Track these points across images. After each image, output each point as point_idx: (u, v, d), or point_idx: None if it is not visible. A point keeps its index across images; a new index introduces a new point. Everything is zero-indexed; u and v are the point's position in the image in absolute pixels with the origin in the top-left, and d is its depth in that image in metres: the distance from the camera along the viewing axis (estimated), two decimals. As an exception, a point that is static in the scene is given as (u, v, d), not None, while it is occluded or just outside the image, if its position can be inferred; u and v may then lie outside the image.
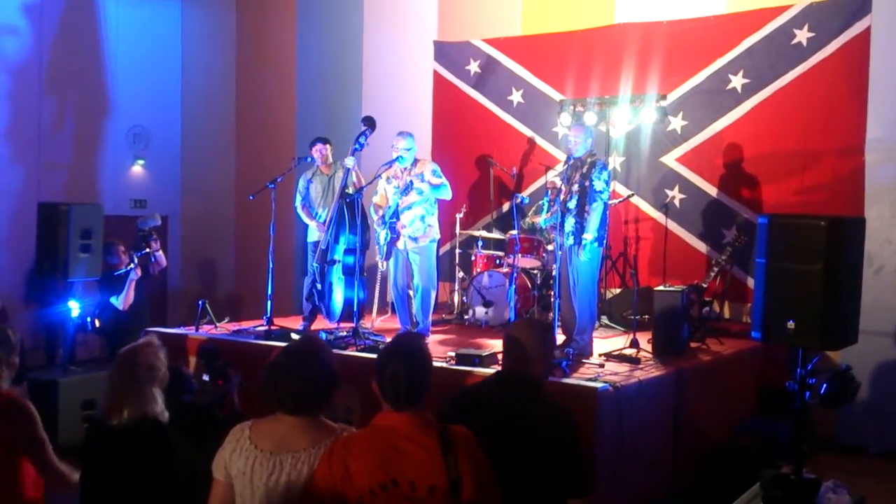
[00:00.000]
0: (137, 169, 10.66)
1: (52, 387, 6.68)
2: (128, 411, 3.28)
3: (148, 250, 7.52)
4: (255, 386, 4.40)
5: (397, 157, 6.77)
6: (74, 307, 7.12)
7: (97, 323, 7.38)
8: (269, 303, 7.13)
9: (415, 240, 6.80)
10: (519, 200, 7.80)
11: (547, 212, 7.70)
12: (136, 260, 7.35)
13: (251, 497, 2.76)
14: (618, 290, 8.31)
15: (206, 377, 4.49)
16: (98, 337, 8.34)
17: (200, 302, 7.21)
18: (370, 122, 6.94)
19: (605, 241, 6.46)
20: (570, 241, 6.26)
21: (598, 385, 5.15)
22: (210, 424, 3.90)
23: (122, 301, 7.37)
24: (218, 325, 7.26)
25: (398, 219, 6.75)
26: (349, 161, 6.91)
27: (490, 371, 5.55)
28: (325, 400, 2.88)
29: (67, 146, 9.97)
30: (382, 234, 6.82)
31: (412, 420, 2.67)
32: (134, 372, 3.34)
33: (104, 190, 10.15)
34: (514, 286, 6.53)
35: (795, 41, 7.72)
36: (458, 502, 2.54)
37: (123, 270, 7.36)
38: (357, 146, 6.91)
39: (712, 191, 8.21)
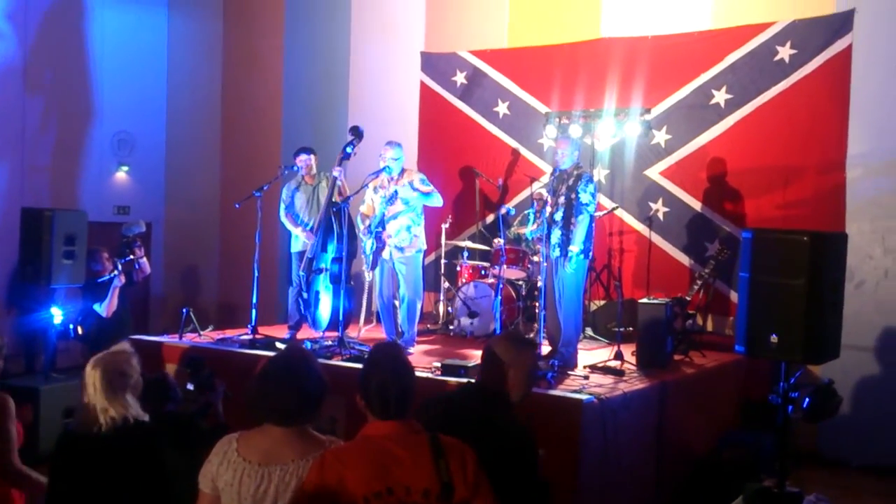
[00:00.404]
0: (121, 175, 10.61)
1: (34, 394, 6.62)
2: (104, 418, 3.27)
3: (132, 257, 7.48)
4: (240, 396, 4.41)
5: (384, 167, 6.79)
6: (57, 314, 7.07)
7: (80, 330, 7.31)
8: (253, 311, 7.11)
9: (401, 250, 6.82)
10: (505, 212, 7.83)
11: (533, 223, 7.74)
12: (119, 267, 7.30)
13: None
14: (602, 302, 8.36)
15: (190, 386, 4.46)
16: (80, 344, 8.26)
17: (184, 310, 7.18)
18: (357, 132, 6.96)
19: (590, 254, 6.50)
20: (557, 252, 6.29)
21: (584, 397, 5.17)
22: (194, 434, 3.90)
23: (105, 308, 7.31)
24: (202, 333, 7.23)
25: (384, 228, 6.77)
26: (336, 170, 6.92)
27: (474, 381, 5.57)
28: (313, 411, 2.87)
29: (51, 151, 9.90)
30: (368, 244, 6.83)
31: (402, 428, 2.69)
32: (106, 379, 3.32)
33: (87, 195, 10.08)
34: (500, 297, 6.55)
35: (778, 57, 7.82)
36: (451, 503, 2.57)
37: (107, 277, 7.31)
38: (344, 155, 6.92)
39: (696, 204, 8.28)
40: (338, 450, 2.73)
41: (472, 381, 3.47)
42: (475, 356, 6.46)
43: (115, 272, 7.27)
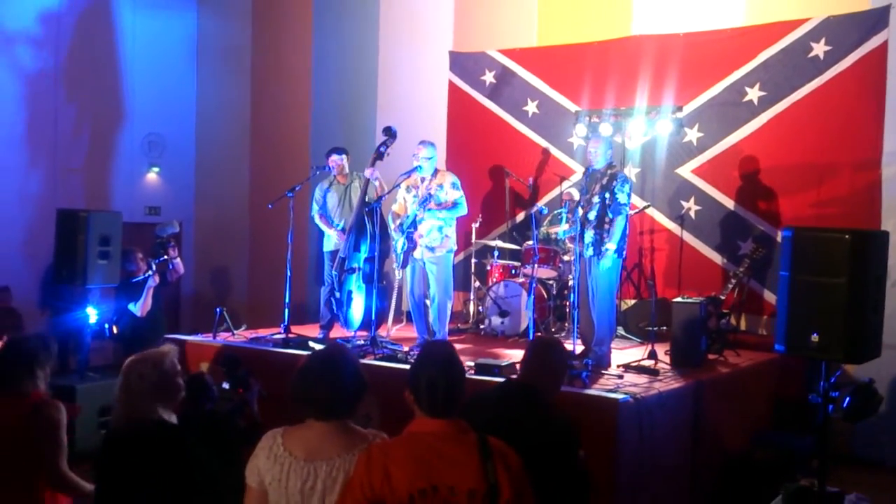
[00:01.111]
0: (152, 176, 10.73)
1: (70, 393, 6.69)
2: (130, 418, 3.30)
3: (166, 257, 7.56)
4: (275, 394, 4.43)
5: (417, 167, 6.80)
6: (92, 314, 7.15)
7: (115, 329, 7.40)
8: (286, 311, 7.15)
9: (432, 250, 6.83)
10: (537, 211, 7.82)
11: (565, 223, 7.71)
12: (153, 267, 7.38)
13: (286, 503, 2.77)
14: (633, 302, 8.31)
15: (226, 385, 4.49)
16: (113, 343, 8.36)
17: (218, 309, 7.23)
18: (391, 133, 6.99)
19: (624, 253, 6.47)
20: (590, 252, 6.27)
21: (619, 396, 5.15)
22: (230, 433, 3.92)
23: (139, 308, 7.39)
24: (235, 332, 7.28)
25: (416, 229, 6.78)
26: (369, 171, 6.95)
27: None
28: (354, 405, 2.91)
29: (83, 153, 10.04)
30: (400, 243, 6.85)
31: (450, 427, 2.70)
32: (126, 380, 3.34)
33: (119, 197, 10.21)
34: (532, 296, 6.54)
35: (812, 54, 7.73)
36: None
37: (141, 277, 7.40)
38: (378, 156, 6.95)
39: (728, 203, 8.21)
40: (384, 445, 2.75)
41: (508, 379, 3.52)
42: (507, 355, 6.48)
43: (150, 272, 7.35)
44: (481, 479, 2.58)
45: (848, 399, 4.42)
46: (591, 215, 6.28)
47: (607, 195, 6.18)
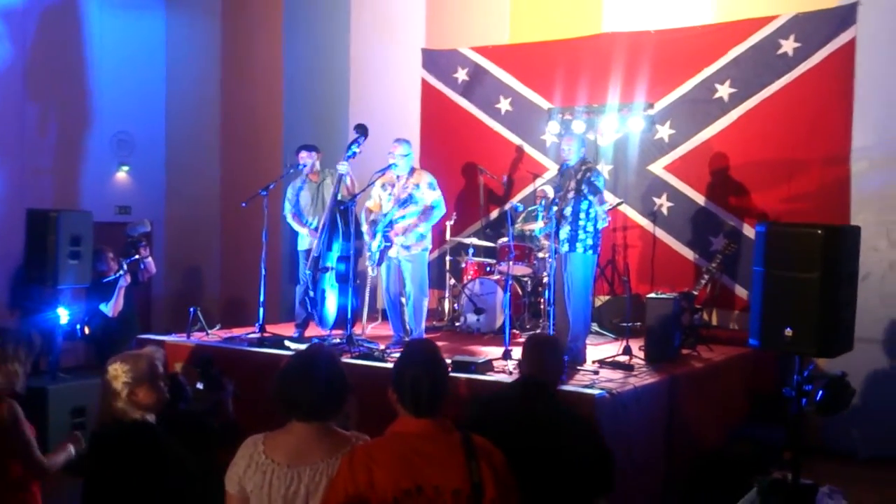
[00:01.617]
0: (122, 175, 10.59)
1: (42, 394, 6.58)
2: (109, 416, 3.27)
3: (137, 257, 7.48)
4: (251, 394, 4.40)
5: (391, 164, 6.78)
6: (63, 314, 7.04)
7: (86, 330, 7.30)
8: (261, 310, 7.10)
9: (407, 248, 6.82)
10: (512, 208, 7.84)
11: (541, 220, 7.74)
12: (125, 267, 7.30)
13: None
14: (606, 298, 8.36)
15: (199, 385, 4.45)
16: (85, 344, 8.25)
17: (192, 309, 7.16)
18: (363, 130, 6.97)
19: (598, 249, 6.50)
20: (566, 248, 6.30)
21: (596, 392, 5.18)
22: (205, 433, 3.89)
23: (111, 308, 7.31)
24: (209, 332, 7.22)
25: (392, 227, 6.77)
26: (343, 167, 6.90)
27: (486, 378, 5.59)
28: (338, 406, 2.88)
29: (51, 152, 9.89)
30: (375, 242, 6.82)
31: (434, 426, 2.69)
32: (112, 380, 3.31)
33: (89, 196, 10.06)
34: (508, 293, 6.55)
35: (781, 51, 7.82)
36: None
37: (113, 277, 7.31)
38: (350, 153, 6.91)
39: (700, 199, 8.29)
40: (367, 446, 2.73)
41: (515, 379, 3.57)
42: (484, 352, 6.49)
43: (121, 272, 7.27)
44: (466, 479, 2.58)
45: (821, 392, 4.44)
46: (567, 211, 6.31)
47: (583, 188, 6.21)
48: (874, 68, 7.39)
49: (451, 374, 5.43)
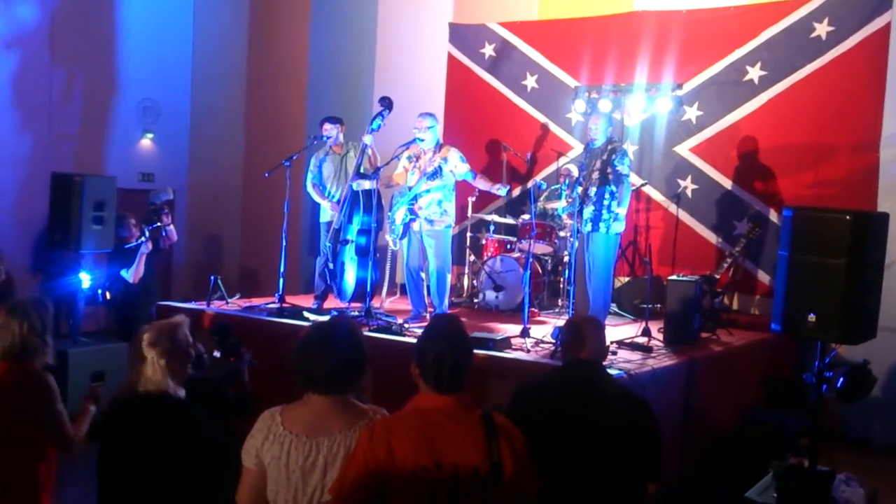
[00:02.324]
0: (146, 142, 10.61)
1: (62, 357, 6.66)
2: (144, 387, 3.28)
3: (159, 224, 7.52)
4: (269, 364, 4.41)
5: (416, 139, 6.75)
6: (85, 279, 7.11)
7: (107, 295, 7.37)
8: (281, 280, 7.12)
9: (430, 223, 6.79)
10: (535, 186, 7.80)
11: (564, 199, 7.71)
12: (147, 233, 7.34)
13: (286, 482, 2.74)
14: (626, 279, 8.32)
15: (217, 354, 4.47)
16: (105, 309, 8.33)
17: (213, 277, 7.19)
18: (388, 103, 6.92)
19: (622, 229, 6.46)
20: (588, 227, 6.27)
21: (614, 372, 5.15)
22: (220, 402, 3.91)
23: (132, 274, 7.37)
24: (229, 301, 7.25)
25: (417, 201, 6.75)
26: (367, 139, 6.88)
27: (504, 355, 5.58)
28: (356, 379, 2.87)
29: (77, 118, 9.91)
30: (399, 214, 6.80)
31: (455, 403, 2.68)
32: (152, 349, 3.31)
33: (113, 162, 10.10)
34: (529, 271, 6.53)
35: (815, 34, 7.69)
36: (499, 484, 2.55)
37: (134, 244, 7.36)
38: (374, 126, 6.89)
39: (725, 182, 8.20)
40: (388, 420, 2.72)
41: (573, 358, 3.49)
42: (502, 329, 6.48)
43: (143, 239, 7.31)
44: (485, 458, 2.57)
45: (842, 379, 4.43)
46: (592, 191, 6.28)
47: (608, 170, 6.18)
48: (908, 55, 7.25)
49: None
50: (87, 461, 3.51)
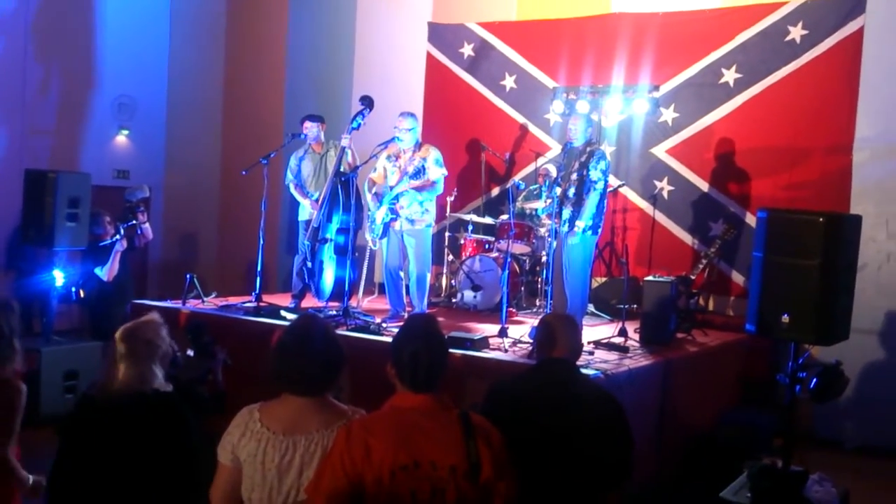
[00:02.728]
0: (121, 139, 10.51)
1: (36, 355, 6.60)
2: (128, 386, 3.24)
3: (134, 222, 7.45)
4: (245, 362, 4.38)
5: (395, 137, 6.75)
6: (59, 276, 7.03)
7: (81, 293, 7.29)
8: (258, 279, 7.09)
9: (411, 222, 6.80)
10: (514, 185, 7.82)
11: (543, 200, 7.74)
12: (122, 231, 7.27)
13: (262, 480, 2.72)
14: (603, 279, 8.36)
15: (190, 353, 4.44)
16: (79, 307, 8.24)
17: (188, 275, 7.14)
18: (368, 102, 6.91)
19: (599, 230, 6.49)
20: (566, 228, 6.30)
21: (591, 372, 5.19)
22: (194, 401, 3.88)
23: (106, 272, 7.29)
24: (205, 299, 7.20)
25: (398, 200, 6.75)
26: (345, 139, 6.87)
27: (482, 354, 5.59)
28: (334, 379, 2.86)
29: (52, 114, 9.81)
30: (380, 214, 6.80)
31: (433, 402, 2.68)
32: (133, 347, 3.29)
33: (87, 159, 9.99)
34: (507, 271, 6.55)
35: (789, 38, 7.77)
36: (477, 483, 2.56)
37: (109, 241, 7.29)
38: (354, 125, 6.88)
39: (700, 184, 8.27)
40: (365, 419, 2.72)
41: (546, 357, 3.48)
42: (480, 329, 6.49)
43: (118, 236, 7.24)
44: (463, 456, 2.57)
45: (815, 380, 4.46)
46: (570, 192, 6.31)
47: (584, 172, 6.21)
48: (881, 59, 7.35)
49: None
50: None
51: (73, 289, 7.23)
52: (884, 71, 7.36)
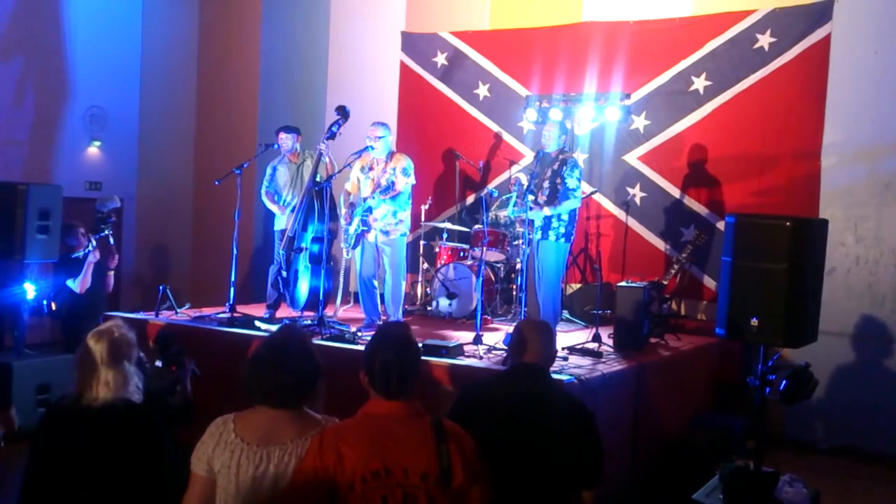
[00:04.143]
0: (93, 150, 10.44)
1: (7, 370, 6.53)
2: (95, 393, 3.23)
3: (107, 233, 7.39)
4: (220, 373, 4.37)
5: (368, 147, 6.77)
6: (30, 289, 6.96)
7: (53, 306, 7.22)
8: (232, 289, 7.07)
9: (385, 233, 6.83)
10: (487, 193, 7.86)
11: (514, 205, 7.79)
12: (94, 242, 7.22)
13: (235, 490, 2.70)
14: (578, 286, 8.41)
15: (158, 363, 4.43)
16: (51, 320, 8.15)
17: (161, 287, 7.11)
18: (344, 112, 6.93)
19: (571, 238, 6.54)
20: (538, 235, 6.34)
21: (565, 377, 5.23)
22: (162, 411, 3.87)
23: (78, 284, 7.22)
24: (179, 311, 7.17)
25: (371, 212, 6.77)
26: (322, 146, 6.89)
27: (457, 362, 5.61)
28: (308, 393, 2.84)
29: (23, 125, 9.71)
30: (353, 226, 6.82)
31: (405, 409, 2.69)
32: (112, 350, 3.28)
33: (59, 171, 9.92)
34: (481, 279, 6.58)
35: (758, 45, 7.88)
36: (449, 490, 2.57)
37: (81, 253, 7.23)
38: (329, 134, 6.90)
39: (672, 190, 8.35)
40: (337, 427, 2.72)
41: (518, 362, 3.50)
42: (455, 336, 6.51)
43: (90, 248, 7.18)
44: (434, 462, 2.58)
45: (784, 382, 4.52)
46: (542, 199, 6.35)
47: (558, 180, 6.26)
48: (847, 65, 7.47)
49: (423, 358, 5.50)
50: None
51: (45, 301, 7.16)
52: (850, 77, 7.48)
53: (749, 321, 4.20)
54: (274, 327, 5.94)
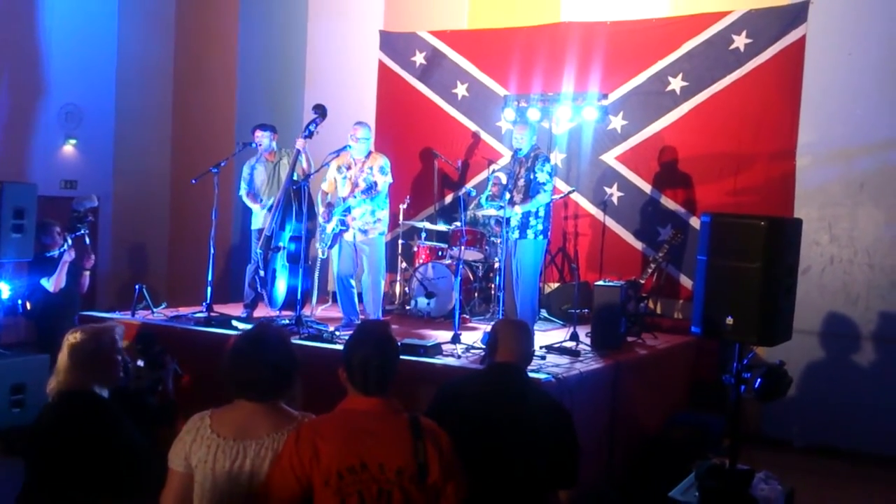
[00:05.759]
0: (69, 148, 10.35)
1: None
2: (60, 389, 3.24)
3: (83, 231, 7.32)
4: (197, 373, 4.37)
5: (346, 146, 6.76)
6: (4, 289, 6.89)
7: (27, 305, 7.14)
8: (209, 289, 7.03)
9: (364, 232, 6.83)
10: (465, 193, 7.87)
11: (487, 197, 7.85)
12: (69, 241, 7.15)
13: (212, 485, 2.72)
14: (556, 285, 8.45)
15: (140, 363, 4.43)
16: (25, 320, 8.07)
17: (138, 286, 7.06)
18: (321, 110, 6.91)
19: (548, 235, 6.57)
20: (515, 234, 6.36)
21: (542, 376, 5.24)
22: (144, 411, 3.87)
23: (52, 283, 7.15)
24: (155, 310, 7.12)
25: (349, 212, 6.76)
26: (300, 143, 6.86)
27: (434, 361, 5.62)
28: (286, 386, 2.87)
29: (-3, 122, 9.63)
30: (330, 225, 6.80)
31: (382, 405, 2.71)
32: (72, 352, 3.28)
33: (34, 169, 9.82)
34: (459, 278, 6.59)
35: (733, 46, 7.94)
36: (424, 486, 2.59)
37: (56, 252, 7.16)
38: (306, 133, 6.87)
39: (649, 189, 8.40)
40: (314, 422, 2.74)
41: (494, 362, 3.51)
42: (433, 335, 6.52)
43: (65, 246, 7.12)
44: (410, 459, 2.60)
45: (759, 380, 4.57)
46: (518, 198, 6.38)
47: (532, 177, 6.30)
48: (822, 66, 7.54)
49: (401, 357, 5.50)
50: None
51: (19, 301, 7.09)
52: (825, 78, 7.55)
53: (724, 320, 4.25)
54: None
